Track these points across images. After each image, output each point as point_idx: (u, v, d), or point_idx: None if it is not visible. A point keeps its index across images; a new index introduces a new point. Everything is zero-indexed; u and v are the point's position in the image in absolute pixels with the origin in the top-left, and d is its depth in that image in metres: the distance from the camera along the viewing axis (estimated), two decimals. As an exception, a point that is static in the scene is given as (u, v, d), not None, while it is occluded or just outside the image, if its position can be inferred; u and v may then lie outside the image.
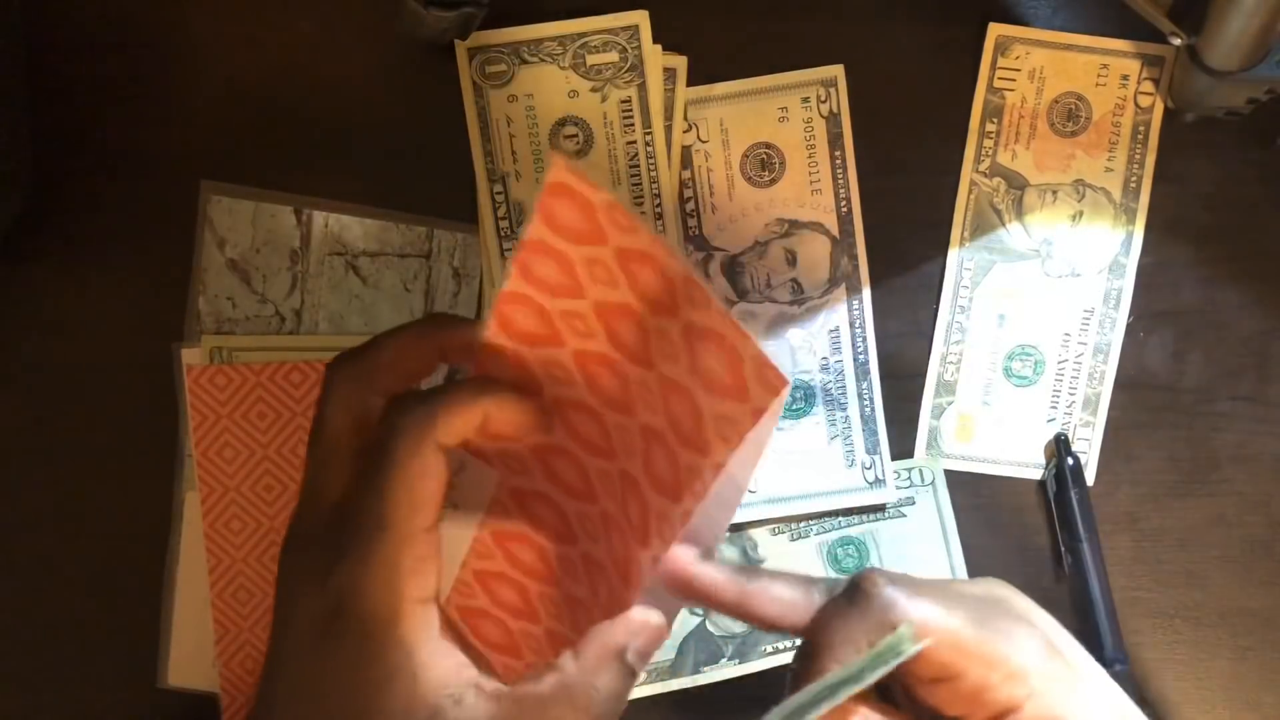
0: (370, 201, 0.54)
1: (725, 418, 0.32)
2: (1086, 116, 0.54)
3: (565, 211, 0.33)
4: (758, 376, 0.31)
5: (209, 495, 0.53)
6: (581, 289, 0.34)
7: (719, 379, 0.32)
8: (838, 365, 0.55)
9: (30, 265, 0.54)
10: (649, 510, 0.35)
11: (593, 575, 0.38)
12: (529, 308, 0.35)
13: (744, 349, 0.31)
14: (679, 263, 0.31)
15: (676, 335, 0.32)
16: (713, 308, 0.31)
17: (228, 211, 0.54)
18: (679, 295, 0.32)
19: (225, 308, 0.54)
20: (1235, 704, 0.56)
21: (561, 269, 0.34)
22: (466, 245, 0.54)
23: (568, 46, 0.54)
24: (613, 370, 0.35)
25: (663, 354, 0.33)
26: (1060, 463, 0.54)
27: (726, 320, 0.31)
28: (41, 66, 0.54)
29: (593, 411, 0.36)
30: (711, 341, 0.31)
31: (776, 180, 0.55)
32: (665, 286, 0.32)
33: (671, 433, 0.34)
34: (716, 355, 0.31)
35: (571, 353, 0.35)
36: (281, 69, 0.54)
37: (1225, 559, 0.56)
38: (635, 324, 0.33)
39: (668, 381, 0.33)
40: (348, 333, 0.54)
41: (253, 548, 0.54)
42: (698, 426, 0.33)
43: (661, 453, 0.34)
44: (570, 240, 0.33)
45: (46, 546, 0.55)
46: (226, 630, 0.54)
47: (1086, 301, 0.55)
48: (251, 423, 0.53)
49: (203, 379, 0.53)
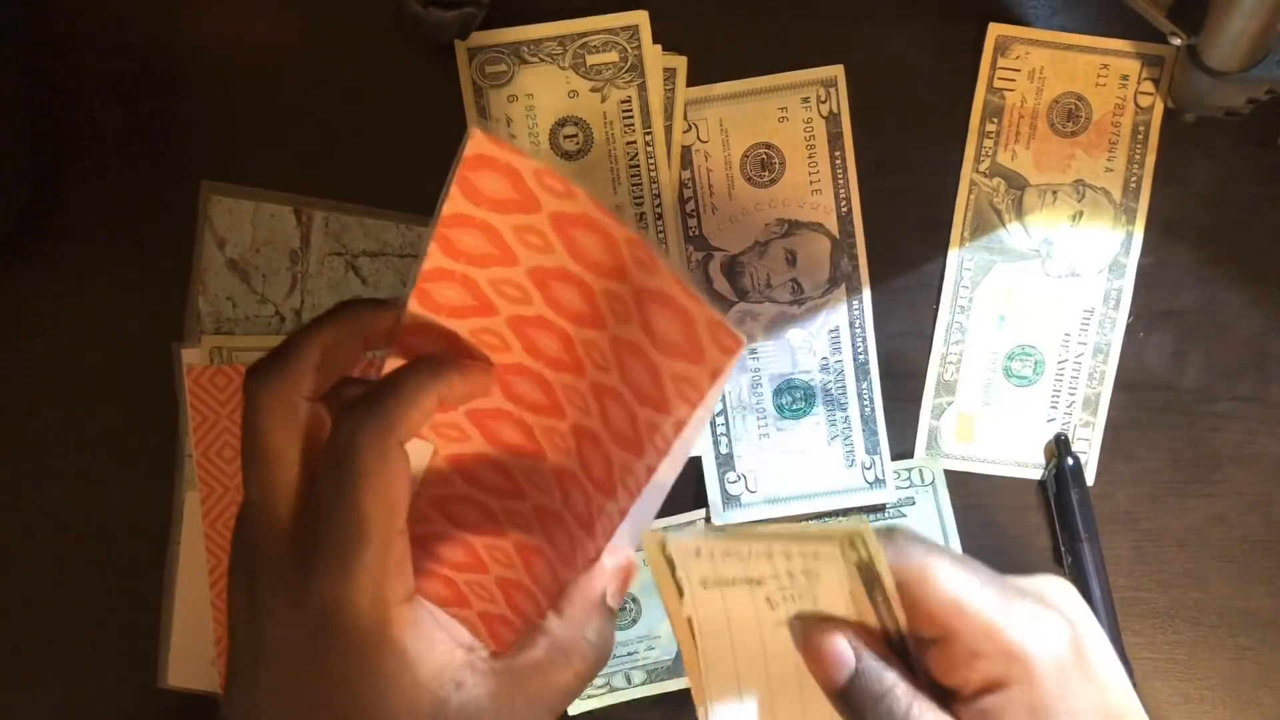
0: (370, 202, 0.54)
1: (683, 377, 0.32)
2: (1086, 116, 0.54)
3: (489, 182, 0.33)
4: (712, 338, 0.31)
5: (209, 495, 0.53)
6: (514, 257, 0.34)
7: (673, 341, 0.32)
8: (838, 365, 0.55)
9: (30, 265, 0.54)
10: (612, 463, 0.35)
11: (547, 525, 0.39)
12: (453, 280, 0.35)
13: (696, 311, 0.31)
14: (620, 226, 0.31)
15: (628, 297, 0.32)
16: (661, 271, 0.31)
17: (228, 211, 0.54)
18: (624, 258, 0.32)
19: (225, 308, 0.54)
20: (1235, 704, 0.56)
21: (489, 239, 0.34)
22: None
23: (568, 46, 0.54)
24: (553, 333, 0.35)
25: (615, 315, 0.33)
26: (1060, 463, 0.54)
27: (676, 283, 0.31)
28: (41, 66, 0.54)
29: (533, 374, 0.36)
30: (663, 304, 0.31)
31: (776, 180, 0.55)
32: (608, 249, 0.32)
33: (628, 390, 0.34)
34: (668, 318, 0.31)
35: (506, 319, 0.35)
36: (281, 69, 0.54)
37: (1225, 559, 0.56)
38: (576, 287, 0.33)
39: (621, 342, 0.33)
40: None
41: None
42: (656, 385, 0.33)
43: (618, 409, 0.34)
44: (496, 210, 0.33)
45: (46, 547, 0.55)
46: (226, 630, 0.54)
47: (1086, 301, 0.55)
48: None
49: (203, 379, 0.53)
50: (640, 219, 0.54)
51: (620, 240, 0.31)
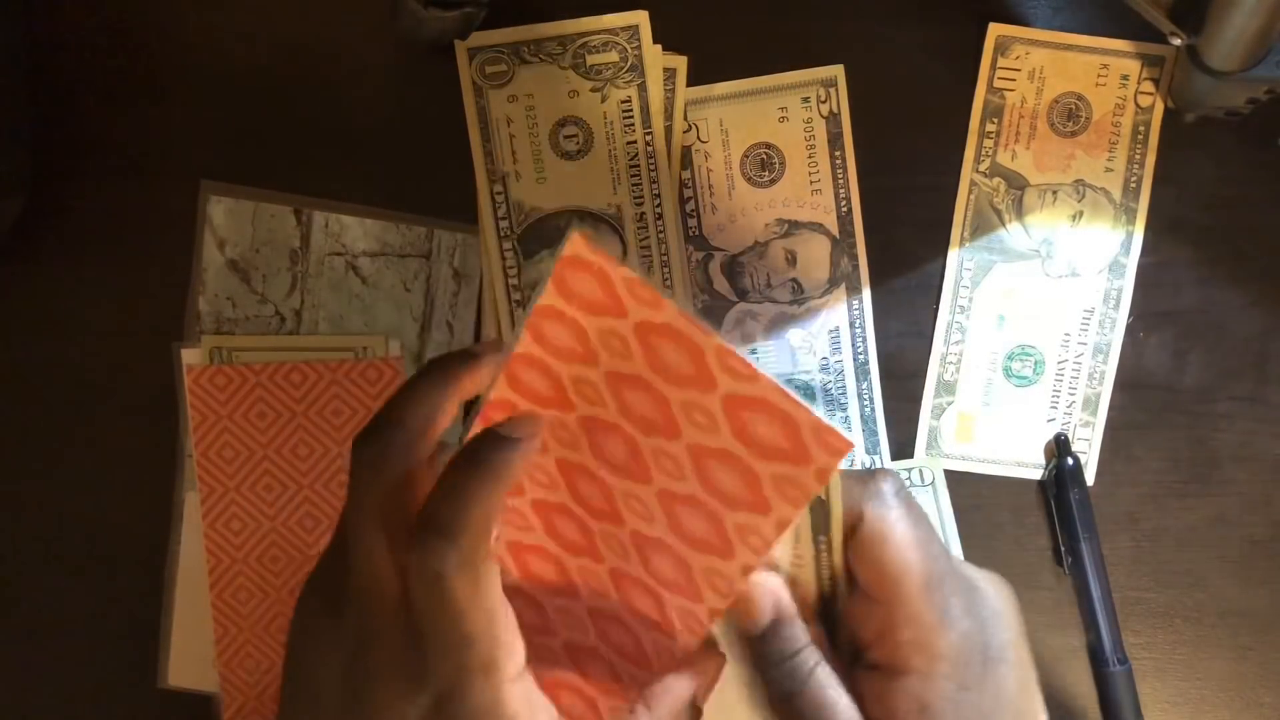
0: (370, 201, 0.54)
1: (785, 479, 0.33)
2: (1086, 116, 0.54)
3: (581, 283, 0.33)
4: (817, 441, 0.31)
5: (209, 495, 0.53)
6: (595, 357, 0.34)
7: (775, 445, 0.32)
8: (838, 365, 0.55)
9: (30, 265, 0.54)
10: (691, 568, 0.36)
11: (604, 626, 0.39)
12: (539, 369, 0.35)
13: (800, 416, 0.31)
14: (707, 335, 0.32)
15: (715, 406, 0.33)
16: (760, 379, 0.32)
17: (228, 212, 0.54)
18: (713, 367, 0.32)
19: (225, 308, 0.54)
20: (1235, 704, 0.56)
21: (575, 336, 0.34)
22: (466, 245, 0.54)
23: (568, 46, 0.54)
24: (622, 438, 0.35)
25: (694, 424, 0.34)
26: (1060, 463, 0.54)
27: (776, 390, 0.31)
28: (41, 66, 0.54)
29: (596, 477, 0.36)
30: (761, 411, 0.32)
31: (776, 180, 0.55)
32: (693, 359, 0.32)
33: (713, 497, 0.34)
34: (768, 423, 0.32)
35: (579, 418, 0.36)
36: (282, 69, 0.54)
37: (1225, 559, 0.56)
38: (651, 396, 0.34)
39: (703, 449, 0.34)
40: (348, 332, 0.54)
41: (253, 548, 0.54)
42: (752, 488, 0.33)
43: (696, 516, 0.35)
44: (585, 310, 0.34)
45: (46, 546, 0.55)
46: (226, 630, 0.54)
47: (1086, 301, 0.55)
48: (251, 422, 0.53)
49: (203, 379, 0.53)
50: (640, 219, 0.54)
51: (708, 350, 0.32)
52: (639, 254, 0.54)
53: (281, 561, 0.54)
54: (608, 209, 0.54)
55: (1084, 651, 0.56)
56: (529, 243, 0.54)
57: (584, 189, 0.54)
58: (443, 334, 0.54)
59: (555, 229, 0.54)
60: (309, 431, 0.53)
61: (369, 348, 0.54)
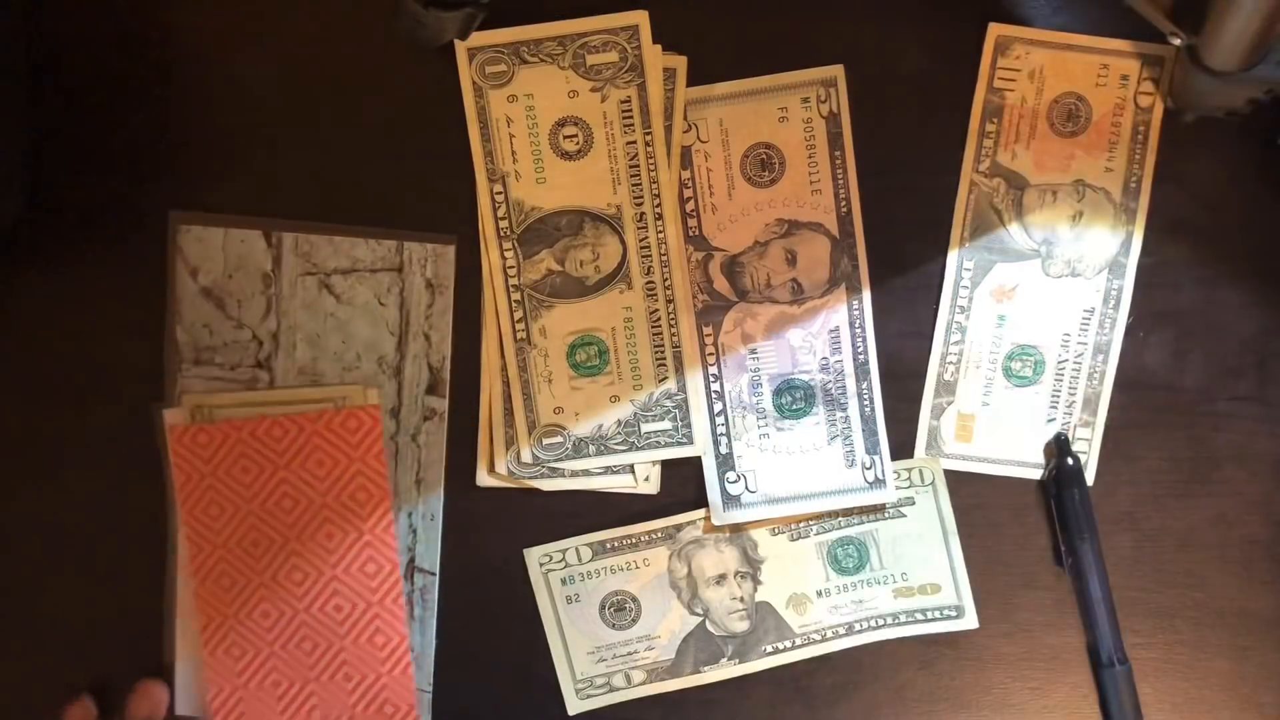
0: (370, 201, 0.54)
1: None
2: (1086, 116, 0.54)
3: None
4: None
5: (197, 554, 0.53)
6: None
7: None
8: (838, 365, 0.55)
9: (30, 266, 0.54)
10: None
11: None
12: None
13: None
14: None
15: None
16: None
17: (197, 240, 0.54)
18: None
19: (203, 336, 0.54)
20: (1235, 704, 0.56)
21: None
22: (438, 256, 0.54)
23: (568, 46, 0.54)
24: None
25: None
26: (1060, 463, 0.54)
27: None
28: (41, 68, 0.54)
29: None
30: None
31: (776, 180, 0.55)
32: None
33: None
34: None
35: None
36: (281, 70, 0.54)
37: (1225, 559, 0.56)
38: None
39: None
40: (325, 352, 0.54)
41: (243, 603, 0.54)
42: None
43: None
44: None
45: (46, 546, 0.55)
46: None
47: (1086, 301, 0.55)
48: (235, 478, 0.53)
49: (185, 438, 0.53)
50: (640, 219, 0.54)
51: None
52: (639, 254, 0.54)
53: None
54: (607, 209, 0.54)
55: (1084, 651, 0.56)
56: (529, 243, 0.54)
57: (584, 189, 0.54)
58: (420, 345, 0.54)
59: (555, 229, 0.54)
60: (292, 485, 0.54)
61: (347, 397, 0.54)
